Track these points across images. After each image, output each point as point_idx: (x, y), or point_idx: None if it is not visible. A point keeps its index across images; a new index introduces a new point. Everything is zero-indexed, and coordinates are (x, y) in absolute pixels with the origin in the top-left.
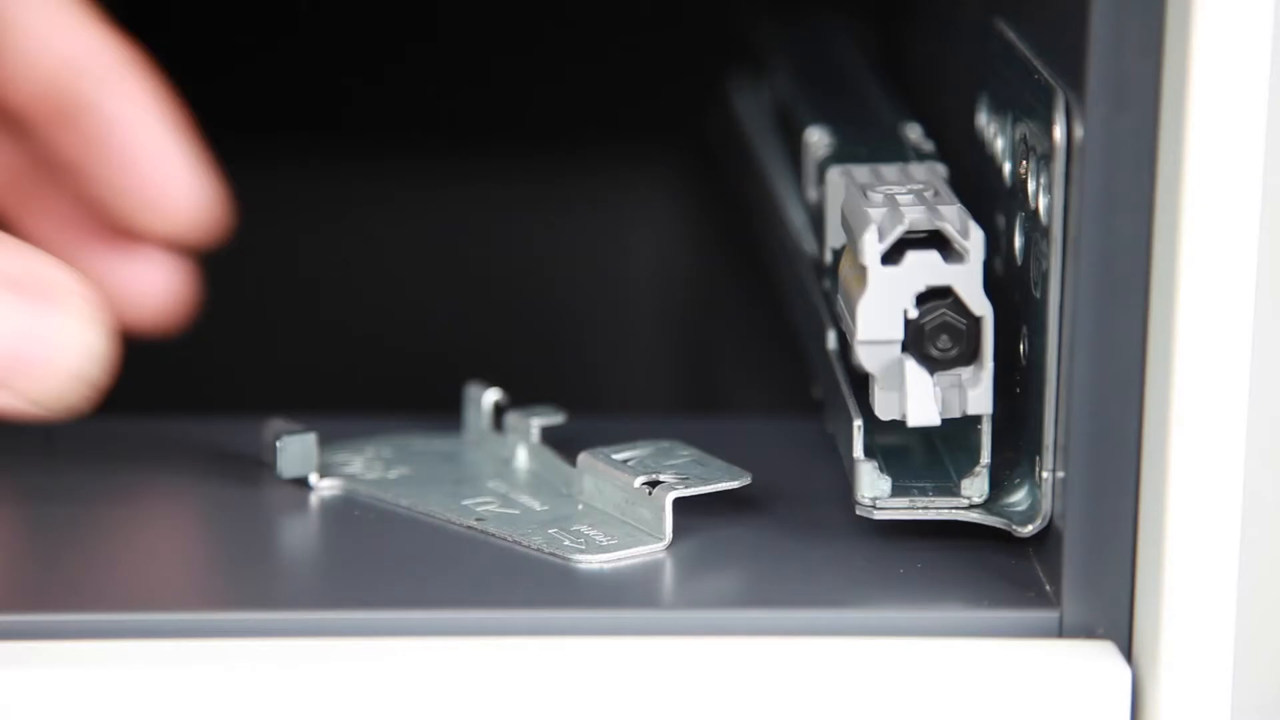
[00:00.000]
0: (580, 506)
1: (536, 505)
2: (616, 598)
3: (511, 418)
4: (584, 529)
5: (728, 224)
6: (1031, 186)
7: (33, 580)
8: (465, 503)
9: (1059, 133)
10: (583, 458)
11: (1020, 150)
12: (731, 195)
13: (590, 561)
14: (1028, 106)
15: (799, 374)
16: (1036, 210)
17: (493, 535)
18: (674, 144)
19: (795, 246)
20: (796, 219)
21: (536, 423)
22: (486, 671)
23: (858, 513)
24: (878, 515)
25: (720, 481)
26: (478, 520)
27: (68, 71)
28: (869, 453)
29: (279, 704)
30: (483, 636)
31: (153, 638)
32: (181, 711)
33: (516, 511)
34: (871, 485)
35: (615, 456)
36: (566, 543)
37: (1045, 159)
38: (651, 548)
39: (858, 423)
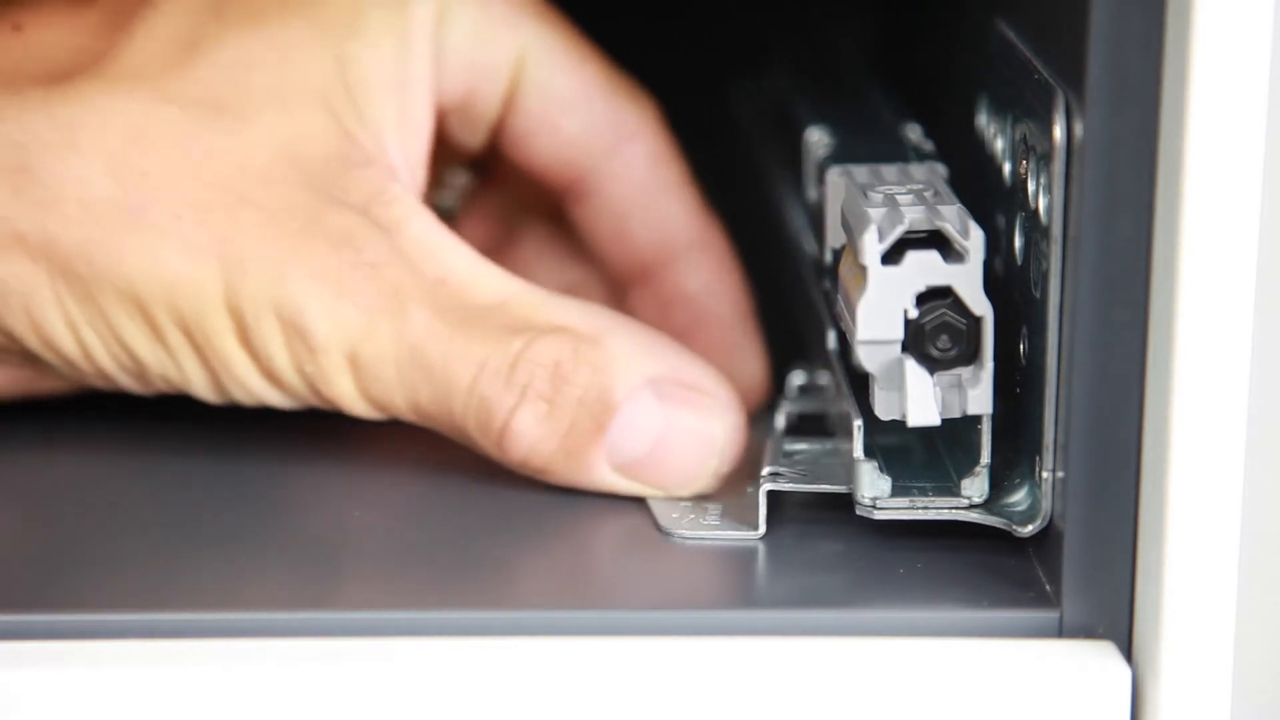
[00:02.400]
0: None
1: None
2: (611, 597)
3: None
4: (710, 506)
5: (727, 222)
6: (1031, 186)
7: (33, 580)
8: None
9: (1059, 133)
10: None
11: (1020, 150)
12: (730, 195)
13: (680, 535)
14: (1028, 106)
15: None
16: (1036, 210)
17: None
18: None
19: (795, 246)
20: (796, 219)
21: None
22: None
23: (858, 513)
24: (878, 515)
25: (824, 483)
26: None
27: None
28: (869, 453)
29: (294, 705)
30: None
31: (153, 638)
32: (182, 711)
33: None
34: (871, 485)
35: (785, 446)
36: (674, 515)
37: (1045, 159)
38: (745, 534)
39: (858, 423)
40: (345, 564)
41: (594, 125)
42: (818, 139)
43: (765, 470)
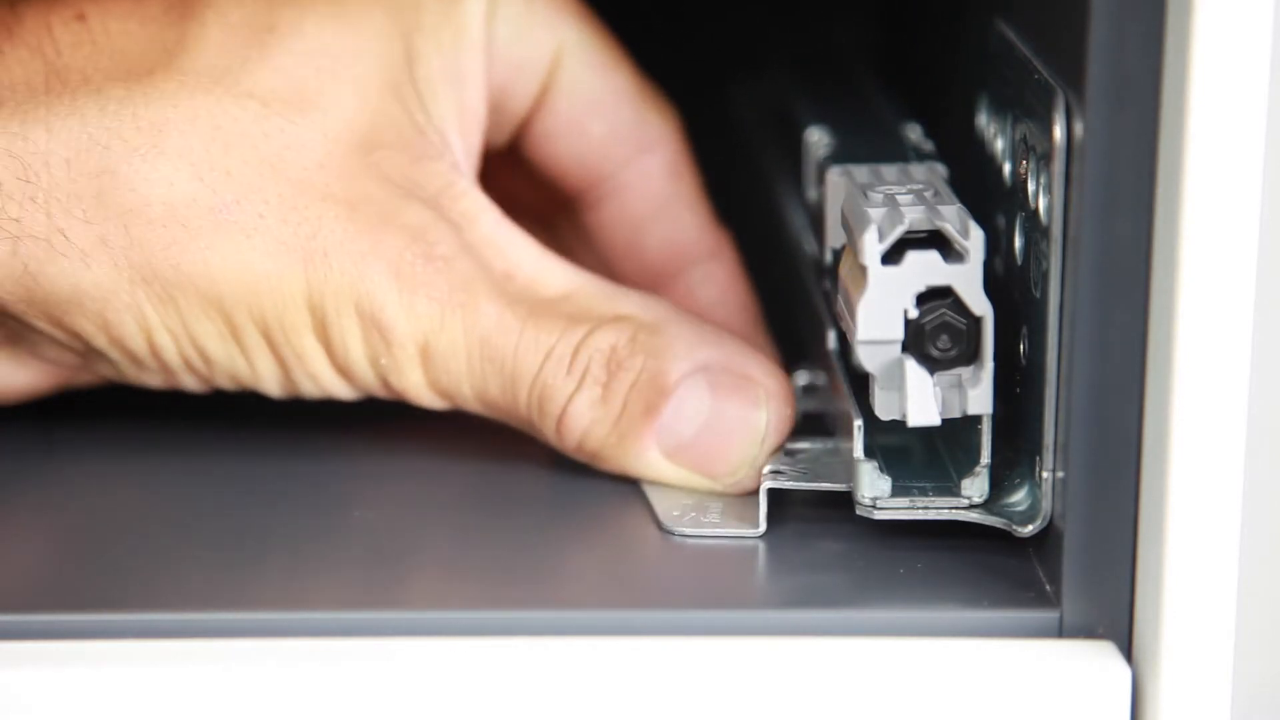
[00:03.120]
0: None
1: None
2: (609, 597)
3: None
4: (712, 504)
5: (727, 222)
6: (1031, 186)
7: (33, 580)
8: None
9: (1059, 133)
10: None
11: (1020, 150)
12: (730, 195)
13: (681, 533)
14: (1028, 106)
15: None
16: (1036, 210)
17: (646, 493)
18: None
19: (795, 246)
20: (796, 219)
21: None
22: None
23: (858, 513)
24: (878, 515)
25: (824, 482)
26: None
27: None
28: (869, 453)
29: (297, 705)
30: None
31: (153, 638)
32: (183, 711)
33: None
34: (872, 485)
35: (787, 445)
36: (675, 513)
37: (1045, 159)
38: (746, 532)
39: (858, 423)
40: (349, 564)
41: (619, 131)
42: (818, 139)
43: (767, 469)
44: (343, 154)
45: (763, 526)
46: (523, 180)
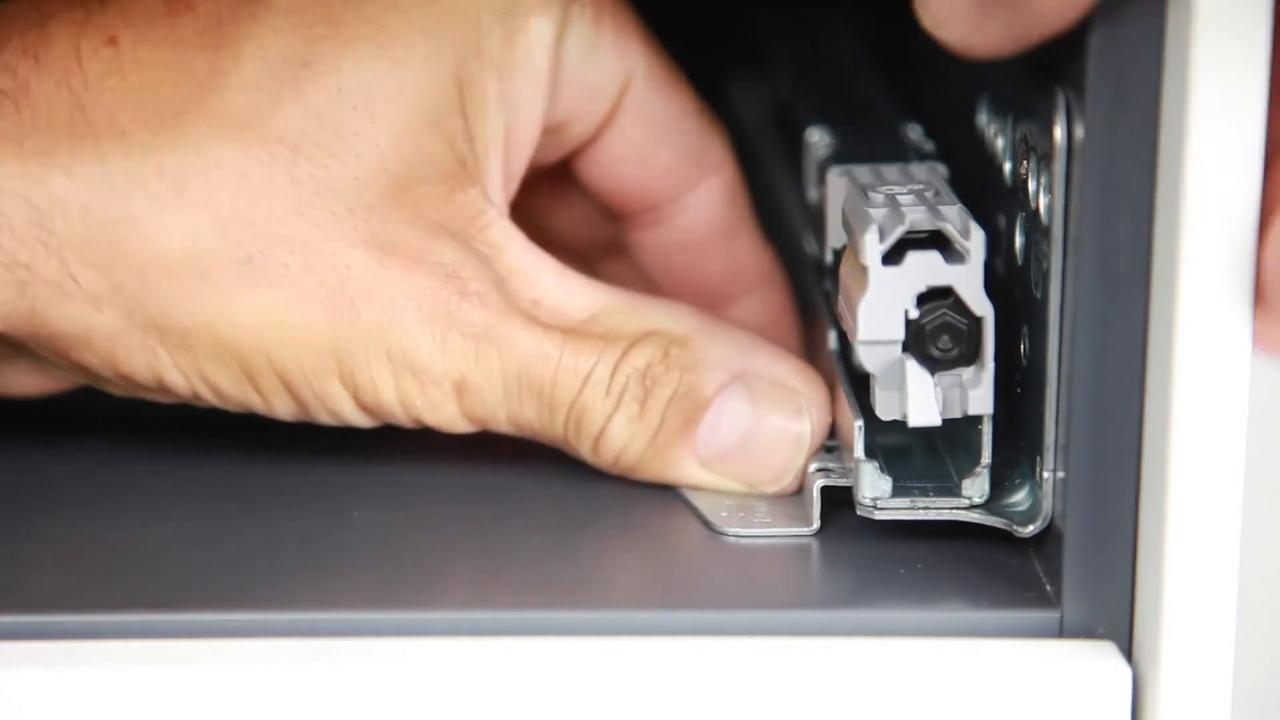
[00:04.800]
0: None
1: None
2: (613, 598)
3: None
4: (758, 504)
5: None
6: (1032, 186)
7: (33, 580)
8: None
9: (1059, 133)
10: None
11: (1021, 150)
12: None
13: (735, 534)
14: (1028, 106)
15: None
16: (1037, 210)
17: (684, 497)
18: None
19: (796, 246)
20: (797, 219)
21: None
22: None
23: (858, 513)
24: (878, 515)
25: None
26: None
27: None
28: (870, 453)
29: (305, 707)
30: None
31: (153, 638)
32: (184, 712)
33: None
34: (872, 485)
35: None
36: (723, 514)
37: (1045, 159)
38: (799, 530)
39: (858, 423)
40: (388, 566)
41: (684, 155)
42: (818, 139)
43: (813, 467)
44: (374, 197)
45: (816, 524)
46: (559, 198)
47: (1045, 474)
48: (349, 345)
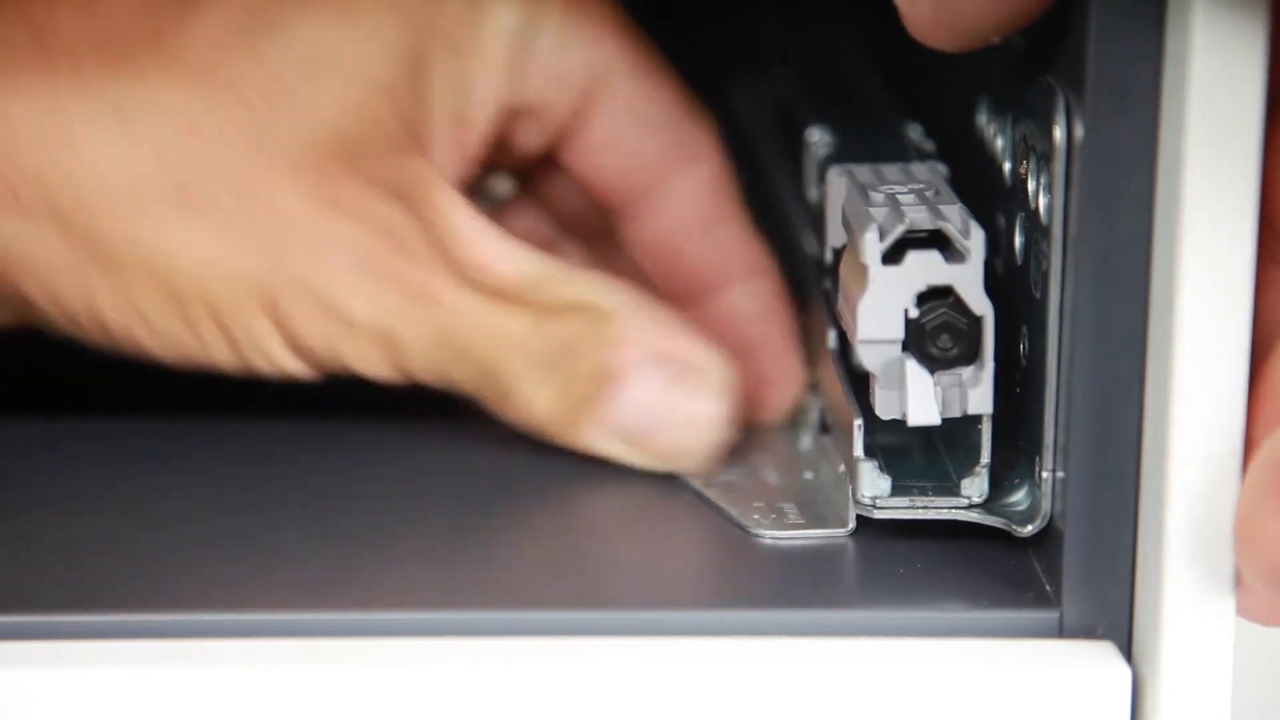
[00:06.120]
0: (808, 483)
1: (772, 480)
2: (615, 599)
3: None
4: (787, 506)
5: None
6: (1031, 186)
7: (33, 580)
8: (713, 468)
9: (1059, 133)
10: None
11: (1020, 150)
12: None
13: (769, 537)
14: (1028, 106)
15: None
16: (1036, 210)
17: (709, 500)
18: None
19: (796, 246)
20: (797, 218)
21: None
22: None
23: (857, 512)
24: (878, 515)
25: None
26: (705, 485)
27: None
28: (869, 452)
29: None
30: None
31: (153, 638)
32: (185, 712)
33: (746, 483)
34: (871, 484)
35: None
36: (756, 516)
37: (1045, 159)
38: (835, 532)
39: (858, 422)
40: (413, 562)
41: (664, 145)
42: (818, 139)
43: (841, 468)
44: (319, 153)
45: (852, 524)
46: (572, 189)
47: (1044, 474)
48: (278, 283)
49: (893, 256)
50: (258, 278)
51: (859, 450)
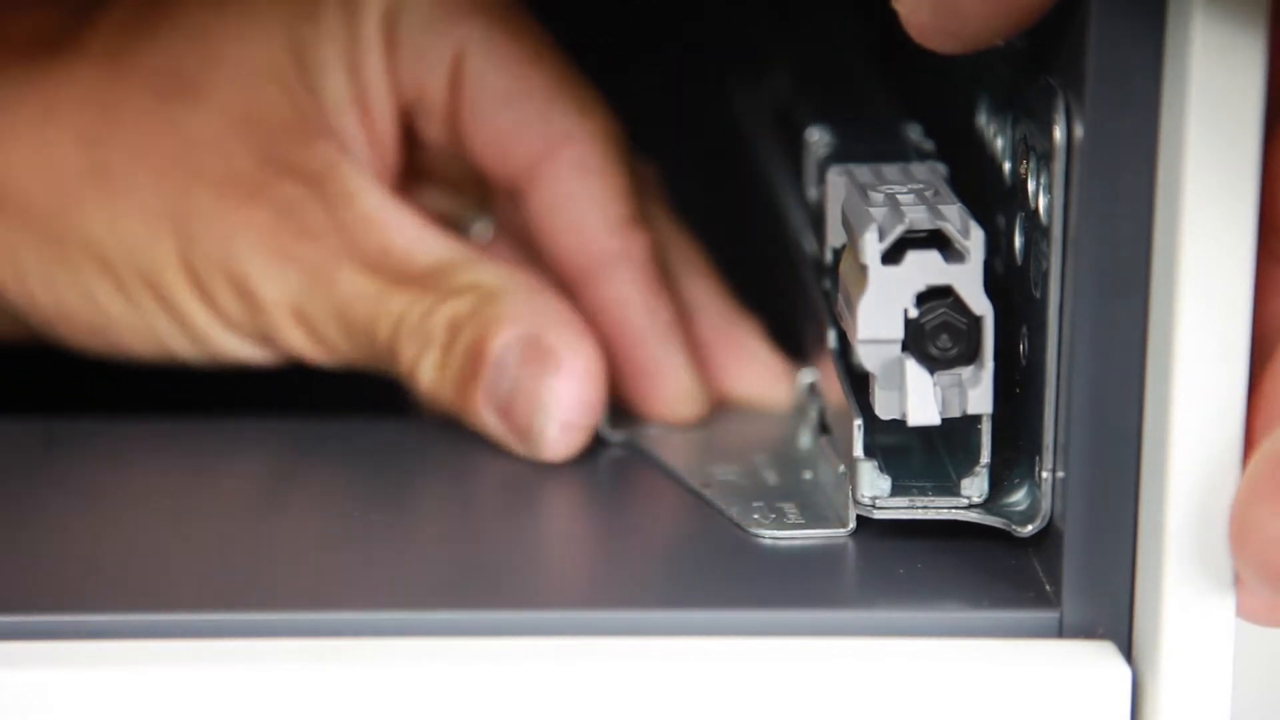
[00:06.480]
0: (807, 483)
1: (771, 479)
2: (615, 599)
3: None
4: (786, 506)
5: (727, 222)
6: (1031, 186)
7: (33, 580)
8: (711, 467)
9: (1059, 133)
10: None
11: (1020, 150)
12: (730, 195)
13: (769, 537)
14: (1028, 106)
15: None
16: (1036, 210)
17: (708, 499)
18: (674, 143)
19: (795, 245)
20: (796, 218)
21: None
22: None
23: (857, 512)
24: (877, 515)
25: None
26: (703, 485)
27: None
28: (869, 452)
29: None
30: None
31: (153, 638)
32: (185, 712)
33: (745, 482)
34: (871, 485)
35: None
36: (755, 516)
37: (1045, 159)
38: (834, 532)
39: (858, 422)
40: (408, 563)
41: (527, 127)
42: (818, 138)
43: (840, 469)
44: (217, 133)
45: (852, 525)
46: None
47: (1044, 474)
48: (192, 259)
49: (892, 256)
50: (176, 254)
51: (859, 450)
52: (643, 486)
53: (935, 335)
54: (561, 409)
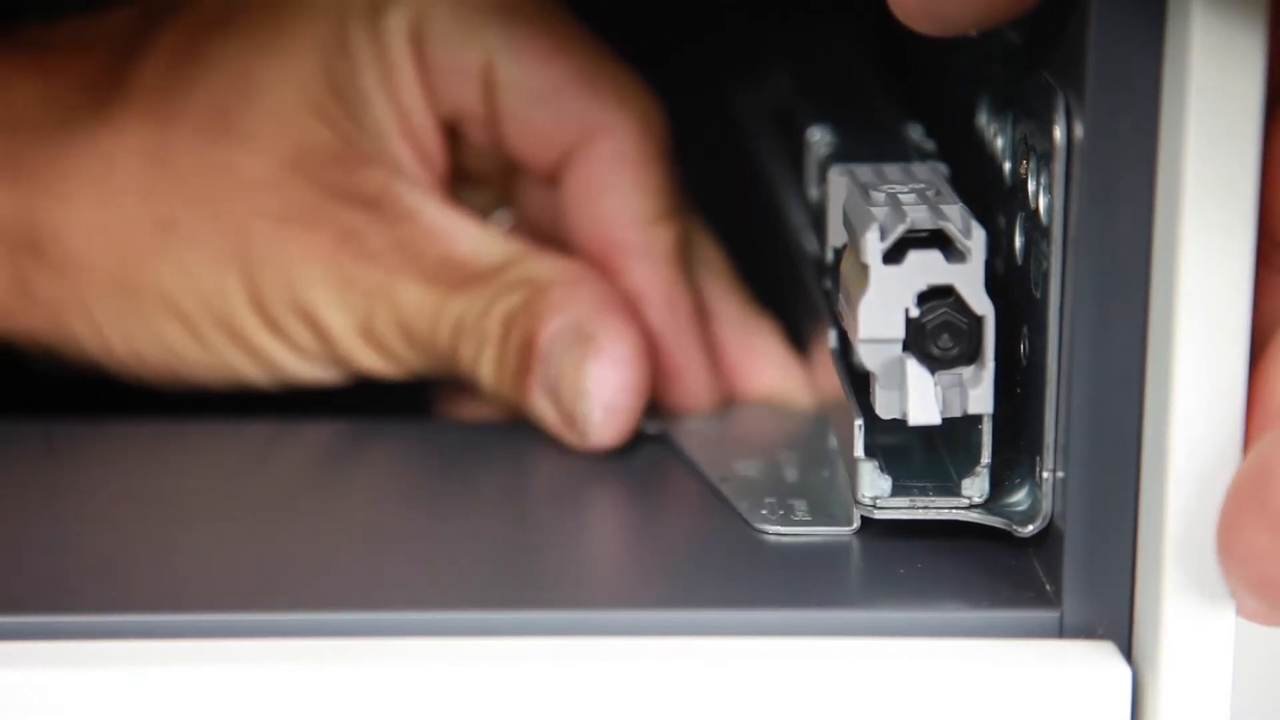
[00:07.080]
0: (824, 480)
1: (791, 476)
2: (615, 599)
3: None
4: (796, 503)
5: (727, 222)
6: (1031, 186)
7: (33, 580)
8: (735, 462)
9: (1059, 133)
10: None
11: (1020, 150)
12: (730, 194)
13: (772, 533)
14: (1028, 106)
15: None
16: (1036, 210)
17: (722, 495)
18: (674, 143)
19: (796, 245)
20: (797, 218)
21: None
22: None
23: (858, 512)
24: (878, 515)
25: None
26: (722, 479)
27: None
28: (869, 452)
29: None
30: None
31: (153, 638)
32: (185, 713)
33: (764, 478)
34: (872, 485)
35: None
36: (764, 512)
37: (1045, 159)
38: (839, 530)
39: (858, 422)
40: (422, 563)
41: (564, 118)
42: (819, 138)
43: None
44: (268, 171)
45: (856, 523)
46: None
47: (1045, 474)
48: (261, 299)
49: (894, 256)
50: (246, 295)
51: (859, 450)
52: (662, 482)
53: (936, 335)
54: (603, 392)
